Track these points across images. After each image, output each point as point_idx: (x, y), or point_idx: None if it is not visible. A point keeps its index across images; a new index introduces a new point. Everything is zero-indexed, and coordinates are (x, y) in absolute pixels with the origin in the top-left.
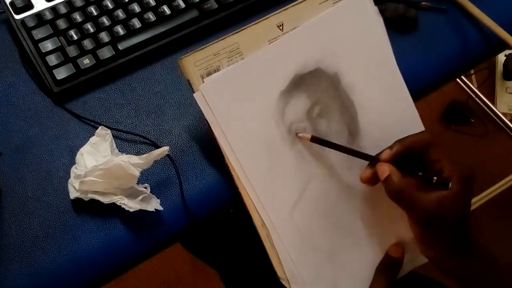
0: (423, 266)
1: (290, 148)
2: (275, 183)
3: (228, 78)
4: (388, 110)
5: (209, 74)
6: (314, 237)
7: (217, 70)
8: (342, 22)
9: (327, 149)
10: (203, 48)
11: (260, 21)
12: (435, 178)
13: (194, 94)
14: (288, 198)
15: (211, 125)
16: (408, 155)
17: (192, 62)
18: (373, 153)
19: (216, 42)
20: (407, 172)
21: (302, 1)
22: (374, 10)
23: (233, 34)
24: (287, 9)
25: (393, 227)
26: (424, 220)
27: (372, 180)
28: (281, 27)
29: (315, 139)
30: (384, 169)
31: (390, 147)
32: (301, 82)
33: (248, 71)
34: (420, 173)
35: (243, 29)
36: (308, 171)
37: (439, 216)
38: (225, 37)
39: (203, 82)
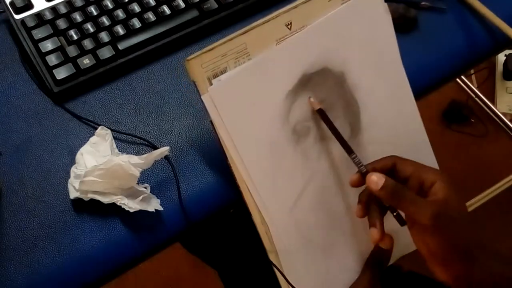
0: (423, 266)
1: (294, 147)
2: (278, 182)
3: (236, 79)
4: (391, 110)
5: (215, 75)
6: (311, 232)
7: (223, 71)
8: (352, 21)
9: (329, 146)
10: (211, 49)
11: (269, 19)
12: (394, 213)
13: (202, 96)
14: (290, 196)
15: (216, 126)
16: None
17: (199, 64)
18: (371, 149)
19: (224, 43)
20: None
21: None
22: (384, 8)
23: (241, 34)
24: (296, 7)
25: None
26: (431, 218)
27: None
28: (289, 26)
29: (321, 112)
30: (378, 179)
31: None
32: (308, 82)
33: (256, 72)
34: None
35: (251, 29)
36: (310, 170)
37: (445, 213)
38: (233, 38)
39: (210, 84)
